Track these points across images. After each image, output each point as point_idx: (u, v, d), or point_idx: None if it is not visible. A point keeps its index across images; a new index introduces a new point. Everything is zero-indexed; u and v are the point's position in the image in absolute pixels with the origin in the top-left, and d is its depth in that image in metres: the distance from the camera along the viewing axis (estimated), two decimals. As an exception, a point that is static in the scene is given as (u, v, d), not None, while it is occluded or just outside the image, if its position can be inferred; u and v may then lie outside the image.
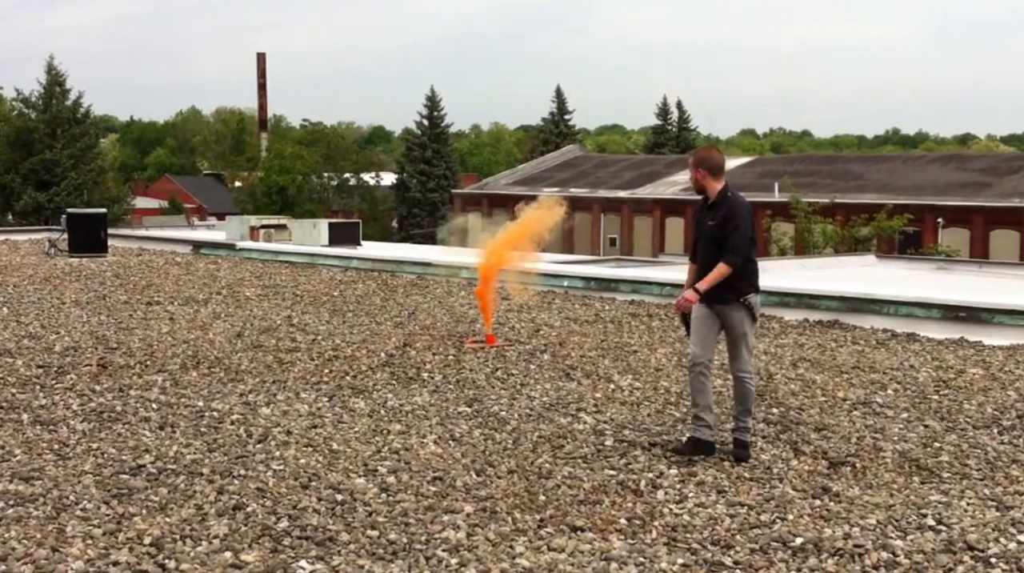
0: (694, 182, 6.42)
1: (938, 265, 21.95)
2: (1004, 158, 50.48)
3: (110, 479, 5.69)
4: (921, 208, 38.62)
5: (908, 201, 38.30)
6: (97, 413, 7.14)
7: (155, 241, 22.32)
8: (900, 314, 11.10)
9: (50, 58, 45.74)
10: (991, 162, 46.70)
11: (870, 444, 6.52)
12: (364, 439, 6.57)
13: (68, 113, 45.09)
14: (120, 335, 10.27)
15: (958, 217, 39.24)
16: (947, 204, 39.63)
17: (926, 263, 22.60)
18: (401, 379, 8.37)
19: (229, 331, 10.56)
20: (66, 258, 18.68)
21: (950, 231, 38.91)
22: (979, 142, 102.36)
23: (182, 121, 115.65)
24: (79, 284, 14.71)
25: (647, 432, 6.80)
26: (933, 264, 22.27)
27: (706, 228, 6.26)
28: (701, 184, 6.34)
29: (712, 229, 6.20)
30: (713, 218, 6.22)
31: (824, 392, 7.96)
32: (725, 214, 6.19)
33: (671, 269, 17.15)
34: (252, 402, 7.52)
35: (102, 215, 20.50)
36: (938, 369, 8.85)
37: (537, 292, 13.65)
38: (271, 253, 19.16)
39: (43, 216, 40.37)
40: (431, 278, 15.44)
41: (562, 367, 8.90)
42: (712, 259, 6.17)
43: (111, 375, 8.40)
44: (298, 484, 5.63)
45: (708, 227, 6.24)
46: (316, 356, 9.25)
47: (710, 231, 6.22)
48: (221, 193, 76.59)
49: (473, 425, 6.96)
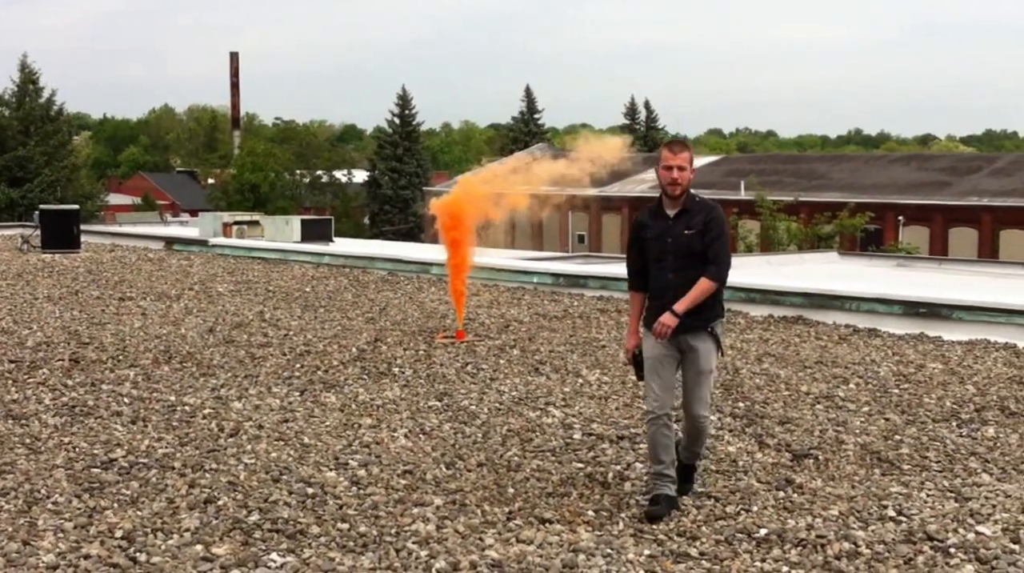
0: (684, 182, 5.19)
1: (899, 262, 22.14)
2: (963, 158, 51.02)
3: (82, 473, 5.62)
4: (883, 206, 38.98)
5: (870, 200, 38.65)
6: (69, 407, 7.06)
7: (128, 237, 22.10)
8: (862, 310, 11.19)
9: (23, 56, 45.14)
10: (951, 162, 47.18)
11: (832, 437, 6.57)
12: (335, 433, 6.54)
13: (41, 110, 44.52)
14: (92, 330, 10.16)
15: (918, 215, 39.63)
16: (908, 203, 40.00)
17: (887, 260, 22.78)
18: (372, 374, 8.34)
19: (201, 326, 10.47)
20: (39, 254, 18.45)
21: (911, 229, 39.29)
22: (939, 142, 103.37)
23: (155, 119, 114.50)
24: (52, 280, 14.53)
25: (615, 425, 6.80)
26: (894, 261, 22.46)
27: (680, 239, 5.16)
28: (688, 185, 5.22)
29: (690, 238, 5.15)
30: (689, 226, 5.16)
31: (788, 386, 8.01)
32: (707, 219, 5.17)
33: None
34: (224, 397, 7.46)
35: (75, 211, 20.28)
36: (899, 364, 8.93)
37: (507, 289, 13.65)
38: (244, 249, 19.02)
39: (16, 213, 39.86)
40: (402, 274, 15.38)
41: (531, 362, 8.89)
42: (688, 276, 5.12)
43: (83, 370, 8.30)
44: (269, 477, 5.59)
45: (684, 237, 5.16)
46: (288, 351, 9.19)
47: (687, 241, 5.15)
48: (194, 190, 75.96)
49: (443, 419, 6.94)
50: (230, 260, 17.69)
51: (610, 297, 13.04)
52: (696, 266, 5.15)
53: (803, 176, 45.91)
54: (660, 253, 5.22)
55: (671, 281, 5.18)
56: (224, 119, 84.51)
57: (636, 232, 5.35)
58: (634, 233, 5.37)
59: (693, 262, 5.16)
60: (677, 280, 5.15)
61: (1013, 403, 7.48)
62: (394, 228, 57.60)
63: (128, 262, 17.20)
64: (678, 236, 5.19)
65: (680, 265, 5.16)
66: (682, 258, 5.17)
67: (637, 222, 5.38)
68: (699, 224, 5.17)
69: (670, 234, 5.20)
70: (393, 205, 63.10)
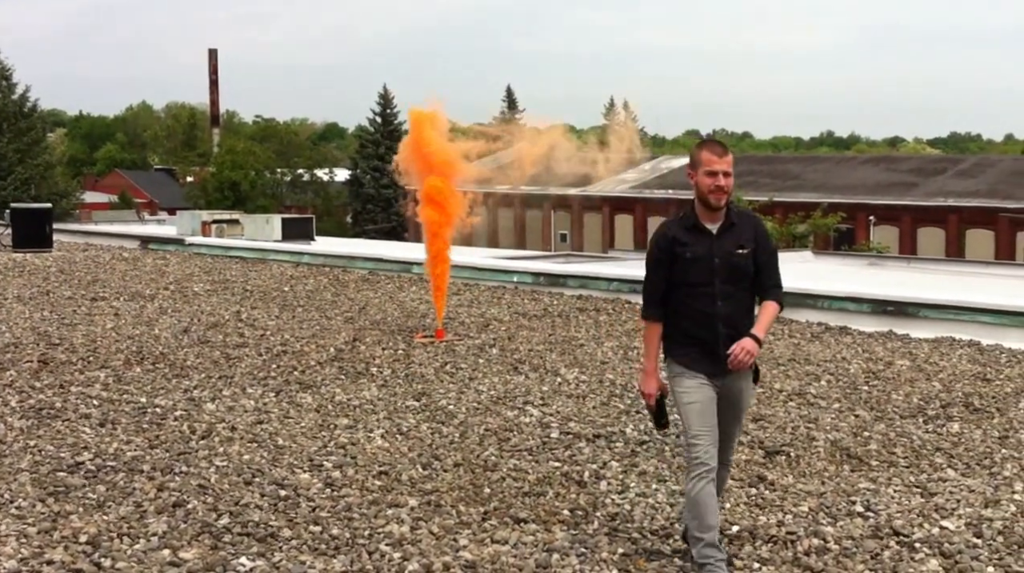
0: (729, 190, 4.30)
1: (870, 261, 22.26)
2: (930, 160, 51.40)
3: (47, 477, 5.50)
4: (854, 207, 39.21)
5: (842, 200, 38.88)
6: (36, 410, 6.92)
7: (102, 236, 21.87)
8: (833, 308, 11.20)
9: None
10: (918, 163, 47.54)
11: (804, 434, 6.54)
12: (310, 434, 6.44)
13: (14, 107, 44.02)
14: (63, 331, 9.99)
15: (888, 215, 39.87)
16: (878, 203, 40.24)
17: (859, 259, 22.90)
18: (350, 374, 8.23)
19: (176, 327, 10.32)
20: (10, 253, 18.19)
21: (881, 229, 39.53)
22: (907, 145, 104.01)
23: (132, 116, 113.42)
24: (22, 279, 14.32)
25: (592, 424, 6.74)
26: (866, 260, 22.58)
27: (731, 259, 4.27)
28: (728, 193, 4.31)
29: (743, 259, 4.28)
30: (741, 243, 4.29)
31: (762, 384, 7.96)
32: (757, 234, 4.35)
33: (619, 264, 17.16)
34: (197, 398, 7.34)
35: (47, 210, 20.03)
36: (868, 361, 8.92)
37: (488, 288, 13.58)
38: (221, 248, 18.84)
39: (-10, 211, 39.36)
40: (383, 273, 15.27)
41: (510, 361, 8.82)
42: (739, 303, 4.31)
43: (52, 371, 8.15)
44: (241, 480, 5.49)
45: (736, 257, 4.28)
46: (264, 351, 9.07)
47: (740, 262, 4.28)
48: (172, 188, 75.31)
49: (420, 419, 6.86)
50: (207, 259, 17.51)
51: (589, 296, 12.99)
52: (744, 290, 4.33)
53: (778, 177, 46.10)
54: (705, 276, 4.26)
55: (719, 310, 4.26)
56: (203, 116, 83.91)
57: (667, 250, 4.31)
58: (662, 251, 4.32)
59: (742, 286, 4.31)
60: (727, 309, 4.27)
61: (977, 399, 7.49)
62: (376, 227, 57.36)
63: (102, 261, 16.98)
64: (728, 256, 4.27)
65: (729, 291, 4.27)
66: (732, 282, 4.28)
67: (666, 238, 4.34)
68: (750, 241, 4.31)
69: (717, 253, 4.26)
70: (375, 204, 62.82)
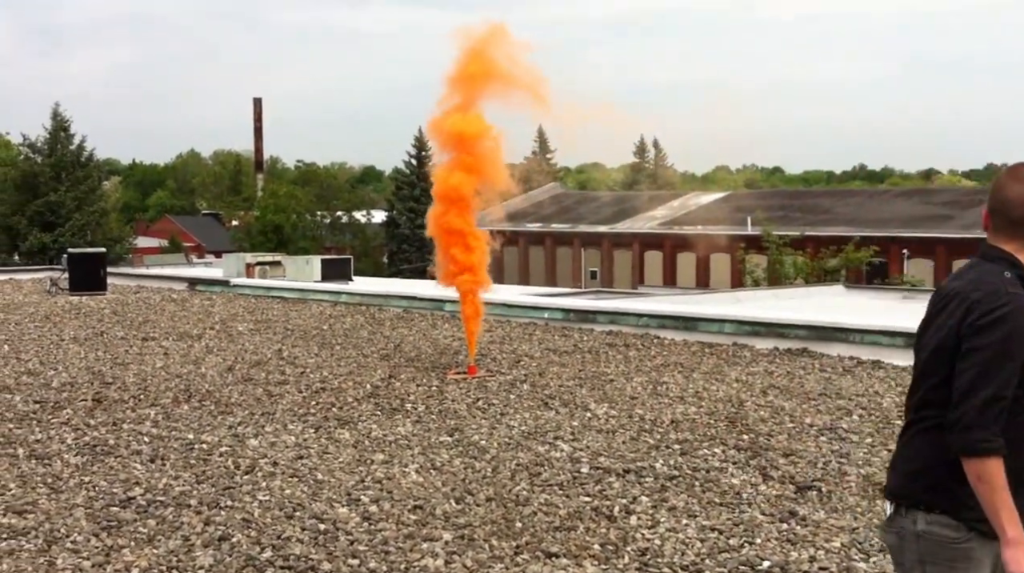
0: None
1: (904, 294, 22.02)
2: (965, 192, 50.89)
3: (100, 512, 5.62)
4: (887, 240, 38.89)
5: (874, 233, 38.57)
6: (91, 447, 7.07)
7: (153, 278, 22.24)
8: (865, 342, 11.11)
9: (56, 104, 45.71)
10: (953, 196, 47.09)
11: (836, 468, 6.50)
12: (348, 469, 6.51)
13: (72, 157, 45.01)
14: (116, 370, 10.19)
15: (922, 248, 39.49)
16: (912, 236, 39.90)
17: (893, 293, 22.68)
18: (385, 410, 8.32)
19: (221, 365, 10.49)
20: (67, 296, 18.57)
21: (915, 262, 39.15)
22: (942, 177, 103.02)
23: (182, 164, 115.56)
24: (78, 321, 14.61)
25: (622, 459, 6.75)
26: (899, 293, 22.34)
27: None
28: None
29: None
30: None
31: (792, 418, 7.94)
32: None
33: (648, 300, 17.16)
34: (241, 434, 7.45)
35: (101, 254, 20.43)
36: (901, 395, 8.84)
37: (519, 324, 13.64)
38: (264, 289, 19.09)
39: (47, 256, 40.18)
40: (417, 311, 15.40)
41: (541, 396, 8.86)
42: None
43: (105, 409, 8.32)
44: (283, 514, 5.57)
45: None
46: (304, 388, 9.19)
47: None
48: (219, 232, 76.46)
49: (454, 454, 6.91)
50: (251, 300, 17.76)
51: (619, 331, 13.00)
52: None
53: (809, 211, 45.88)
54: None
55: None
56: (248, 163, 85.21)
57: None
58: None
59: None
60: None
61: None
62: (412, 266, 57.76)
63: (152, 303, 17.28)
64: None
65: None
66: None
67: None
68: None
69: None
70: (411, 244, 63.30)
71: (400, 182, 66.72)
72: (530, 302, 15.19)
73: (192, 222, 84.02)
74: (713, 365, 10.44)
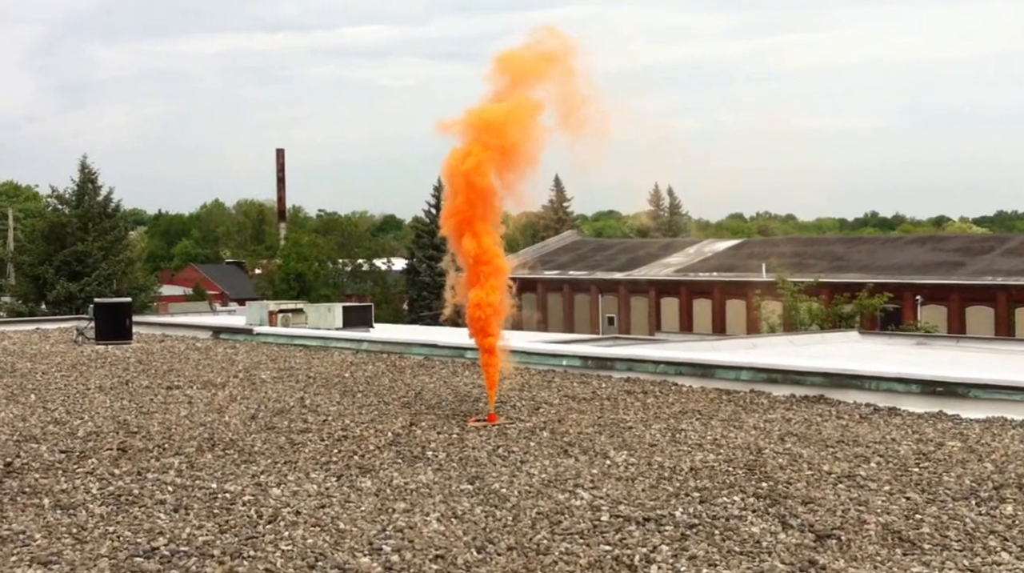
0: None
1: (918, 340, 21.87)
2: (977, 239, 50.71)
3: (124, 562, 5.60)
4: (900, 286, 38.73)
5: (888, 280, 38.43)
6: (115, 496, 7.06)
7: (177, 327, 22.34)
8: (881, 389, 11.02)
9: (83, 157, 46.55)
10: (965, 242, 46.93)
11: (855, 516, 6.41)
12: (370, 518, 6.48)
13: (99, 208, 45.64)
14: (140, 419, 10.22)
15: (935, 295, 39.30)
16: (925, 282, 39.73)
17: (907, 339, 22.52)
18: (407, 458, 8.29)
19: (244, 413, 10.50)
20: (93, 345, 18.68)
21: (928, 308, 38.92)
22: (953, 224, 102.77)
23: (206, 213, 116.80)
24: (104, 370, 14.68)
25: (641, 507, 6.69)
26: (913, 339, 22.19)
27: None
28: None
29: None
30: None
31: (811, 466, 7.86)
32: None
33: (666, 347, 17.10)
34: (264, 483, 7.43)
35: (127, 304, 20.56)
36: (918, 442, 8.75)
37: (538, 371, 13.61)
38: (287, 337, 19.14)
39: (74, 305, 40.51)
40: (437, 358, 15.39)
41: (560, 444, 8.81)
42: None
43: (130, 458, 8.33)
44: (305, 564, 5.53)
45: None
46: (326, 436, 9.17)
47: None
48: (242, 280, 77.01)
49: (475, 502, 6.87)
50: (274, 348, 17.80)
51: (636, 378, 12.95)
52: None
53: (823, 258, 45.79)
54: None
55: None
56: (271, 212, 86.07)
57: None
58: None
59: None
60: None
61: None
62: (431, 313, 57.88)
63: (177, 352, 17.36)
64: None
65: None
66: None
67: None
68: None
69: None
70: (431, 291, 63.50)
71: (420, 230, 67.15)
72: (548, 349, 15.17)
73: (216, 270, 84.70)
74: (731, 412, 10.36)
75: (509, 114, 9.08)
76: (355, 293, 61.54)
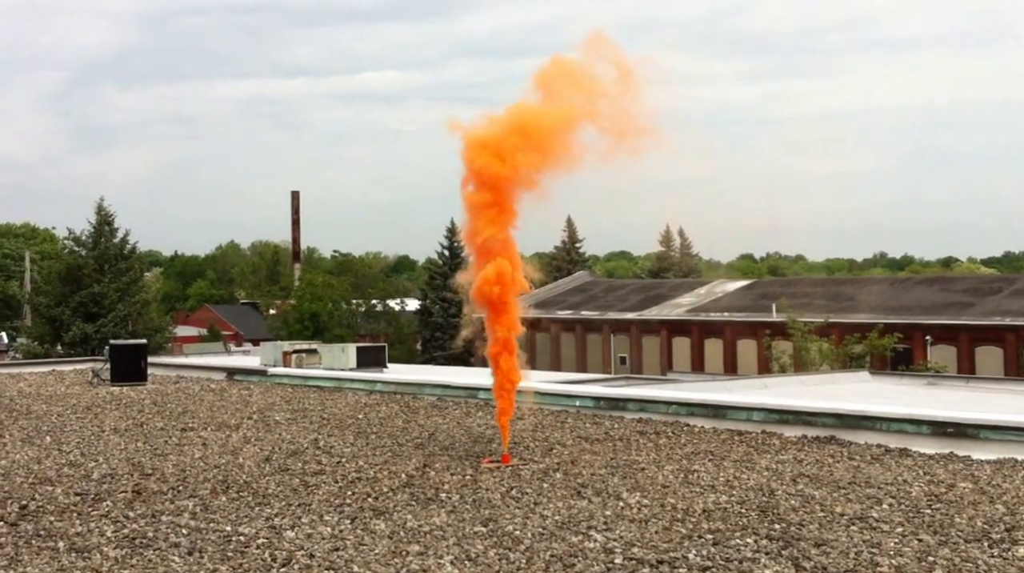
0: None
1: (929, 380, 21.75)
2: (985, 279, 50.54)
3: (140, 604, 5.58)
4: (910, 327, 38.58)
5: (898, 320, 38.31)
6: (130, 539, 7.05)
7: (192, 369, 22.38)
8: (892, 430, 10.95)
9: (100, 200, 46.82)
10: (973, 283, 46.79)
11: (867, 558, 6.35)
12: (384, 561, 6.45)
13: (115, 250, 45.85)
14: (155, 461, 10.22)
15: (945, 335, 39.11)
16: (934, 323, 39.55)
17: (917, 379, 22.40)
18: (420, 500, 8.26)
19: (258, 455, 10.49)
20: (108, 387, 18.72)
21: (938, 348, 38.72)
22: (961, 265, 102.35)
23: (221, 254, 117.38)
24: (119, 412, 14.70)
25: (655, 549, 6.64)
26: (924, 380, 22.07)
27: None
28: None
29: None
30: None
31: (823, 507, 7.80)
32: None
33: (678, 387, 17.04)
34: (278, 526, 7.41)
35: (142, 345, 20.61)
36: (930, 483, 8.68)
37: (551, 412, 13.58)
38: (301, 378, 19.15)
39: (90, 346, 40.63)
40: (451, 399, 15.37)
41: (574, 485, 8.77)
42: None
43: (144, 501, 8.32)
44: (319, 607, 5.51)
45: None
46: (340, 478, 9.15)
47: None
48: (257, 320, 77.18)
49: (488, 545, 6.83)
50: (288, 389, 17.81)
51: (648, 419, 12.90)
52: None
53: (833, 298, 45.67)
54: None
55: None
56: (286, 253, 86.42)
57: None
58: None
59: None
60: None
61: (1048, 523, 7.21)
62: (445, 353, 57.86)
63: (191, 393, 17.38)
64: None
65: None
66: None
67: None
68: None
69: None
70: (444, 332, 63.57)
71: (433, 272, 67.38)
72: (561, 390, 15.14)
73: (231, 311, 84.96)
74: (743, 453, 10.31)
75: (550, 111, 8.96)
76: (369, 333, 61.57)
